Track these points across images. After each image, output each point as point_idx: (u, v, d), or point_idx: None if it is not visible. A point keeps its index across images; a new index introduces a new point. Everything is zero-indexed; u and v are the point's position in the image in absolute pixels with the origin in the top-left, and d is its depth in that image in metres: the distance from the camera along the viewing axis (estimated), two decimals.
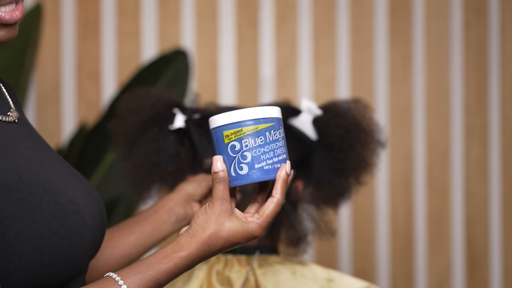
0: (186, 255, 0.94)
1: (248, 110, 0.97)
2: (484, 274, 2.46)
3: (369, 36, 2.42)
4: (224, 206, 0.96)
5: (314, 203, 1.37)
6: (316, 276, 1.32)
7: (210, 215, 0.95)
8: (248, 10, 2.38)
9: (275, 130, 0.98)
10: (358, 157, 1.36)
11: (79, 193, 0.99)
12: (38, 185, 0.92)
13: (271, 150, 0.97)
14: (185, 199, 1.27)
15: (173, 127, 1.34)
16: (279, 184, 0.97)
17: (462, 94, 2.46)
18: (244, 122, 0.97)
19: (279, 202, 0.97)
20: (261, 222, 0.97)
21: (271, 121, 0.98)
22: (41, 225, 0.89)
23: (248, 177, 0.97)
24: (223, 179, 0.96)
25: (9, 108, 1.01)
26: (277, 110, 0.99)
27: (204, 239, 0.95)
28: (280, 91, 2.37)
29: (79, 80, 2.34)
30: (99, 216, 1.02)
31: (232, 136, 0.97)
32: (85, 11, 2.34)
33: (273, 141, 0.97)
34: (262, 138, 0.97)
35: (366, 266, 2.41)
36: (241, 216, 0.97)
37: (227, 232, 0.95)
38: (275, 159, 0.97)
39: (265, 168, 0.97)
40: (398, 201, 2.42)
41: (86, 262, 0.98)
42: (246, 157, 0.97)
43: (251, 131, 0.96)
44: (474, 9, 2.46)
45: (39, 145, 1.01)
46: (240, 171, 0.97)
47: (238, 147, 0.97)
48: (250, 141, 0.96)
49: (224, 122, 0.97)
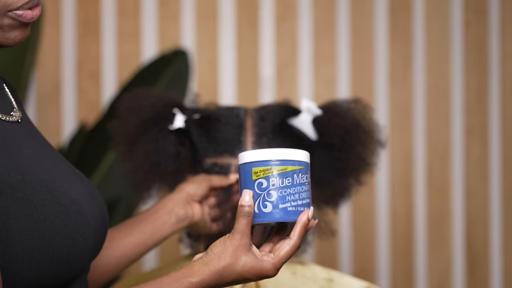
0: (197, 282, 0.95)
1: (279, 151, 0.99)
2: (484, 274, 2.46)
3: (369, 36, 2.42)
4: (243, 240, 0.96)
5: (314, 203, 1.37)
6: (316, 276, 1.32)
7: (228, 247, 0.96)
8: (248, 10, 2.38)
9: (303, 174, 1.00)
10: (358, 157, 1.36)
11: (81, 193, 0.99)
12: (40, 185, 0.92)
13: (297, 193, 0.99)
14: (185, 199, 1.27)
15: (173, 127, 1.34)
16: (298, 227, 0.98)
17: (462, 94, 2.46)
18: (275, 162, 0.98)
19: (295, 245, 0.98)
20: (276, 262, 0.97)
21: (299, 164, 0.99)
22: (43, 225, 0.89)
23: (270, 215, 0.98)
24: (248, 214, 0.97)
25: (12, 108, 1.01)
26: (306, 155, 1.01)
27: (218, 269, 0.95)
28: (280, 91, 2.37)
29: (79, 80, 2.34)
30: (101, 216, 1.02)
31: (260, 173, 0.98)
32: (85, 11, 2.34)
33: (300, 184, 0.99)
34: (290, 179, 0.98)
35: (366, 266, 2.40)
36: (257, 253, 0.97)
37: (241, 267, 0.96)
38: (299, 202, 0.99)
39: (289, 209, 0.98)
40: (398, 201, 2.42)
41: (88, 262, 0.98)
42: (271, 196, 0.98)
43: (280, 171, 0.98)
44: (474, 9, 2.46)
45: (41, 145, 1.01)
46: (264, 208, 0.98)
47: (265, 184, 0.98)
48: (277, 181, 0.98)
49: (254, 159, 0.99)
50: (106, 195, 2.00)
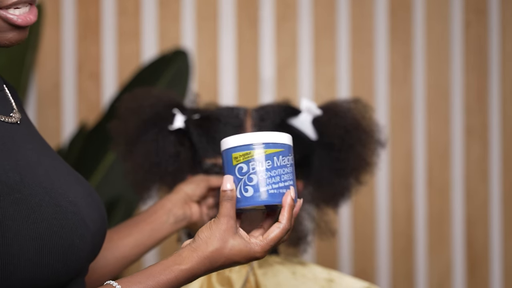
0: (187, 268, 0.95)
1: (258, 134, 0.98)
2: (484, 274, 2.46)
3: (369, 36, 2.42)
4: (229, 224, 0.96)
5: (314, 203, 1.37)
6: (316, 276, 1.32)
7: (214, 231, 0.96)
8: (248, 10, 2.38)
9: (284, 156, 0.99)
10: (358, 157, 1.36)
11: (80, 195, 0.99)
12: (39, 186, 0.92)
13: (278, 175, 0.98)
14: (184, 200, 1.27)
15: (173, 128, 1.34)
16: (286, 210, 0.98)
17: (462, 94, 2.46)
18: (253, 146, 0.98)
19: (285, 228, 0.98)
20: (264, 244, 0.97)
21: (280, 147, 0.99)
22: (41, 226, 0.89)
23: (252, 199, 0.98)
24: (231, 197, 0.97)
25: (11, 109, 1.01)
26: (288, 137, 1.01)
27: (206, 255, 0.95)
28: (280, 91, 2.37)
29: (79, 80, 2.34)
30: (100, 218, 1.02)
31: (240, 158, 0.98)
32: (85, 11, 2.34)
33: (281, 167, 0.98)
34: (270, 162, 0.98)
35: (366, 266, 2.41)
36: (245, 236, 0.97)
37: (229, 250, 0.96)
38: (281, 184, 0.98)
39: (270, 192, 0.98)
40: (398, 201, 2.42)
41: (86, 264, 0.98)
42: (252, 180, 0.98)
43: (259, 155, 0.98)
44: (474, 9, 2.46)
45: (41, 147, 1.01)
46: (245, 193, 0.98)
47: (245, 169, 0.98)
48: (257, 165, 0.98)
49: (233, 144, 0.99)
50: (106, 196, 2.00)
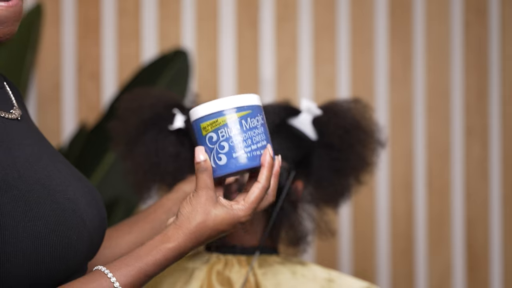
0: (174, 246, 0.95)
1: (223, 100, 0.97)
2: (484, 275, 2.46)
3: (369, 36, 2.42)
4: (208, 194, 0.96)
5: (314, 203, 1.37)
6: (316, 276, 1.32)
7: (195, 205, 0.96)
8: (248, 10, 2.38)
9: (252, 118, 0.97)
10: (358, 157, 1.36)
11: (79, 193, 0.99)
12: (37, 183, 0.92)
13: (249, 138, 0.97)
14: (183, 199, 1.27)
15: (173, 128, 1.34)
16: (264, 169, 0.97)
17: (462, 94, 2.46)
18: (220, 113, 0.96)
19: (264, 187, 0.97)
20: (246, 208, 0.97)
21: (246, 109, 0.97)
22: (38, 223, 0.89)
23: (226, 167, 0.97)
24: (206, 168, 0.96)
25: (12, 105, 1.01)
26: (254, 97, 0.99)
27: (191, 230, 0.95)
28: (280, 91, 2.37)
29: (79, 80, 2.34)
30: (99, 216, 1.02)
31: (208, 127, 0.97)
32: (85, 11, 2.34)
33: (250, 129, 0.97)
34: (238, 127, 0.96)
35: (366, 266, 2.41)
36: (226, 203, 0.97)
37: (213, 221, 0.96)
38: (253, 147, 0.97)
39: (243, 156, 0.96)
40: (398, 201, 2.42)
41: (84, 261, 0.98)
42: (223, 147, 0.96)
43: (227, 121, 0.96)
44: (474, 9, 2.46)
45: (41, 144, 1.01)
46: (219, 161, 0.97)
47: (215, 138, 0.96)
48: (226, 131, 0.96)
49: (200, 115, 0.97)
50: (106, 195, 2.00)
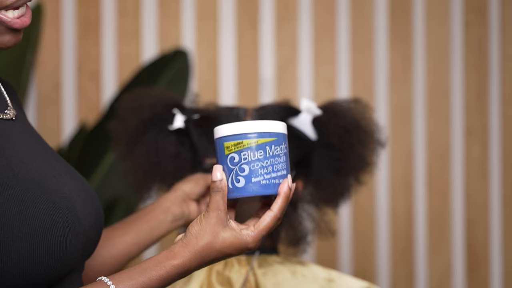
0: (179, 264, 0.94)
1: (250, 123, 0.97)
2: (484, 275, 2.46)
3: (369, 36, 2.42)
4: (219, 217, 0.96)
5: (314, 203, 1.37)
6: (316, 276, 1.32)
7: (204, 226, 0.96)
8: (248, 10, 2.38)
9: (276, 146, 0.97)
10: (358, 156, 1.36)
11: (75, 191, 0.99)
12: (32, 182, 0.92)
13: (270, 165, 0.96)
14: (182, 198, 1.27)
15: (173, 128, 1.34)
16: (280, 199, 0.97)
17: (462, 94, 2.46)
18: (245, 135, 0.96)
19: (276, 217, 0.97)
20: (255, 235, 0.96)
21: (273, 136, 0.97)
22: (34, 223, 0.89)
23: (244, 190, 0.97)
24: (221, 189, 0.96)
25: (6, 106, 1.01)
26: (282, 126, 0.99)
27: (197, 250, 0.95)
28: (280, 91, 2.37)
29: (79, 80, 2.34)
30: (95, 214, 1.02)
31: (232, 148, 0.96)
32: (85, 11, 2.34)
33: (273, 156, 0.97)
34: (262, 152, 0.96)
35: (366, 266, 2.40)
36: (236, 227, 0.97)
37: (221, 244, 0.96)
38: (273, 175, 0.97)
39: (262, 182, 0.96)
40: (398, 201, 2.42)
41: (80, 260, 0.98)
42: (244, 170, 0.96)
43: (251, 145, 0.96)
44: (474, 9, 2.46)
45: (36, 143, 1.01)
46: (237, 183, 0.97)
47: (237, 159, 0.96)
48: (249, 154, 0.96)
49: (225, 134, 0.97)
50: (106, 195, 2.00)
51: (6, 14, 0.95)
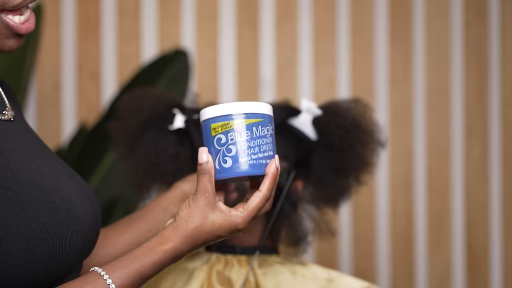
0: (170, 248, 0.94)
1: (237, 104, 0.97)
2: (484, 275, 2.46)
3: (369, 36, 2.42)
4: (207, 199, 0.96)
5: (314, 203, 1.37)
6: (316, 276, 1.32)
7: (193, 209, 0.96)
8: (248, 10, 2.38)
9: (263, 127, 0.97)
10: (358, 156, 1.36)
11: (73, 192, 0.99)
12: (30, 183, 0.92)
13: (257, 146, 0.97)
14: (181, 197, 1.27)
15: (173, 128, 1.34)
16: (267, 179, 0.97)
17: (462, 94, 2.46)
18: (232, 116, 0.96)
19: (264, 197, 0.97)
20: (245, 215, 0.96)
21: (259, 117, 0.97)
22: (32, 223, 0.89)
23: (231, 170, 0.97)
24: (207, 171, 0.96)
25: (4, 107, 1.02)
26: (268, 107, 0.99)
27: (188, 233, 0.95)
28: (280, 91, 2.37)
29: (79, 80, 2.34)
30: (93, 214, 1.02)
31: (219, 129, 0.97)
32: (85, 11, 2.34)
33: (260, 137, 0.97)
34: (249, 133, 0.96)
35: (366, 266, 2.40)
36: (224, 209, 0.97)
37: (210, 226, 0.95)
38: (260, 155, 0.97)
39: (249, 163, 0.97)
40: (398, 201, 2.42)
41: (78, 260, 0.98)
42: (231, 151, 0.96)
43: (238, 125, 0.96)
44: (474, 9, 2.46)
45: (34, 144, 1.01)
46: (224, 164, 0.97)
47: (224, 140, 0.96)
48: (236, 135, 0.96)
49: (212, 115, 0.97)
50: (106, 195, 2.00)
51: (12, 19, 0.96)
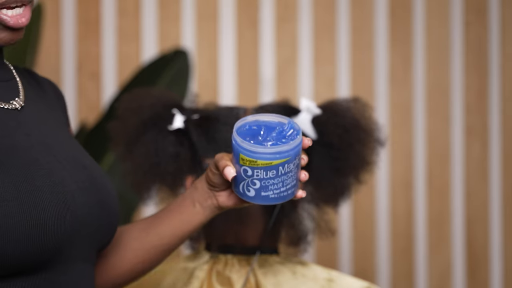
0: None
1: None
2: (484, 275, 2.46)
3: (369, 36, 2.42)
4: None
5: (314, 203, 1.37)
6: (316, 276, 1.32)
7: None
8: (248, 10, 2.38)
9: (289, 163, 0.98)
10: (358, 156, 1.36)
11: (75, 179, 0.98)
12: (16, 168, 0.92)
13: (281, 182, 0.99)
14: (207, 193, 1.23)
15: (173, 128, 1.34)
16: None
17: (462, 94, 2.46)
18: (260, 155, 0.97)
19: None
20: None
21: (286, 156, 0.97)
22: (10, 204, 0.88)
23: (253, 199, 1.01)
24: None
25: (16, 95, 1.01)
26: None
27: None
28: (280, 91, 2.37)
29: (79, 80, 2.34)
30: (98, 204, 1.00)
31: (246, 162, 0.98)
32: (85, 11, 2.34)
33: (285, 174, 0.98)
34: (274, 172, 0.98)
35: (366, 266, 2.41)
36: None
37: None
38: (282, 189, 1.00)
39: (271, 196, 1.00)
40: (398, 201, 2.42)
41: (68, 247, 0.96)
42: (255, 184, 0.99)
43: (265, 165, 0.97)
44: (474, 9, 2.46)
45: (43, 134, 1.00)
46: (247, 192, 1.00)
47: (249, 172, 0.98)
48: (261, 173, 0.98)
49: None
50: None
51: (6, 13, 0.95)
